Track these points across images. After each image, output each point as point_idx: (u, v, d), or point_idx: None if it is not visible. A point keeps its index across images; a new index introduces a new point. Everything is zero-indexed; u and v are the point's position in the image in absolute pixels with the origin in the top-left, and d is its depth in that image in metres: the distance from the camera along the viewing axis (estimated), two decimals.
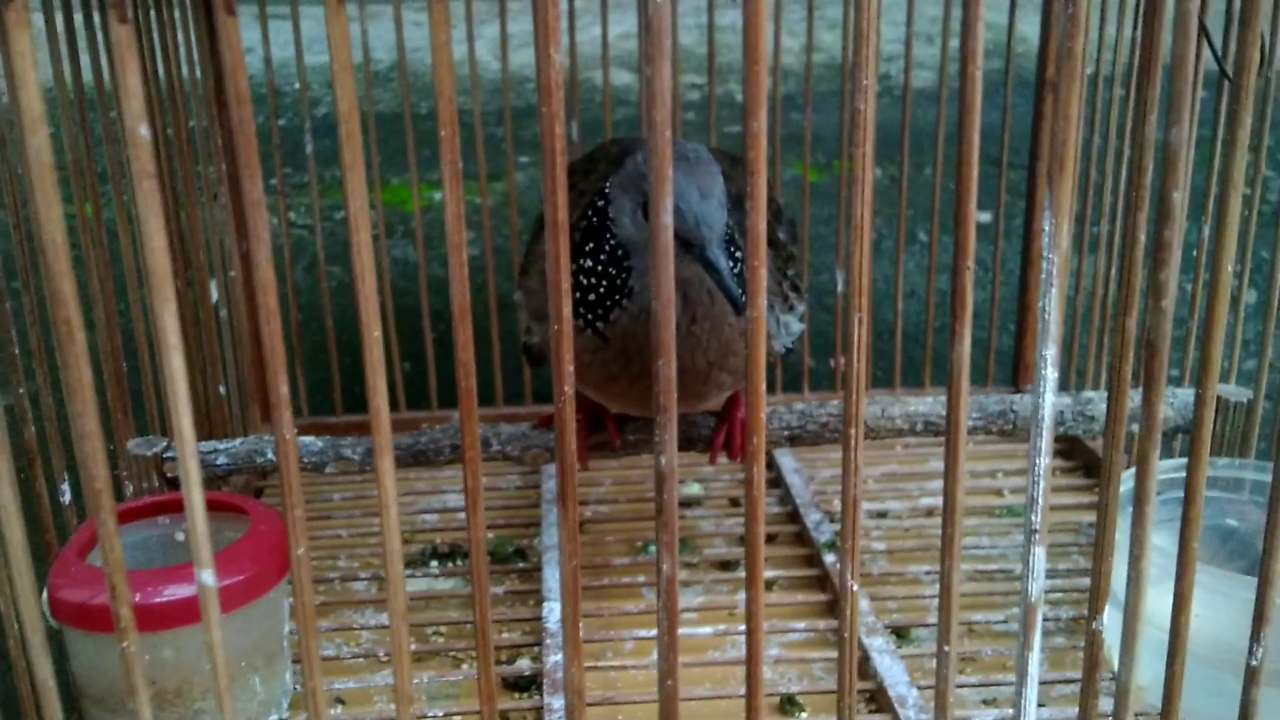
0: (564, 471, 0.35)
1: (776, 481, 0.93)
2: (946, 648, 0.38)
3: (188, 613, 0.58)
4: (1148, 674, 0.66)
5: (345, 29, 0.31)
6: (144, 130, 0.31)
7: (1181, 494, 0.71)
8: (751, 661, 0.38)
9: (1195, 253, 0.82)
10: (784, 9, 1.00)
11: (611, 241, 0.64)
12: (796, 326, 0.73)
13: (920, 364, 1.04)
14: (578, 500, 0.89)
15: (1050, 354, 0.34)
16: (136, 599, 0.57)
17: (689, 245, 0.59)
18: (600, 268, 0.64)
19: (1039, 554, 0.36)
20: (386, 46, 1.34)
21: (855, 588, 0.36)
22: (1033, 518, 0.35)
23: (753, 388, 0.35)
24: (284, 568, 0.63)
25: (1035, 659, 0.38)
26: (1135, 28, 0.86)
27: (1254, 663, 0.40)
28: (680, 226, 0.59)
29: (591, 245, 0.64)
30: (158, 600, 0.57)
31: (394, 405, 1.02)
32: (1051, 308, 0.33)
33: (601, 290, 0.64)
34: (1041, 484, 0.35)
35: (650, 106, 0.31)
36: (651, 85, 0.31)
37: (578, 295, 0.64)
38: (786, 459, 0.95)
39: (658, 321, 0.33)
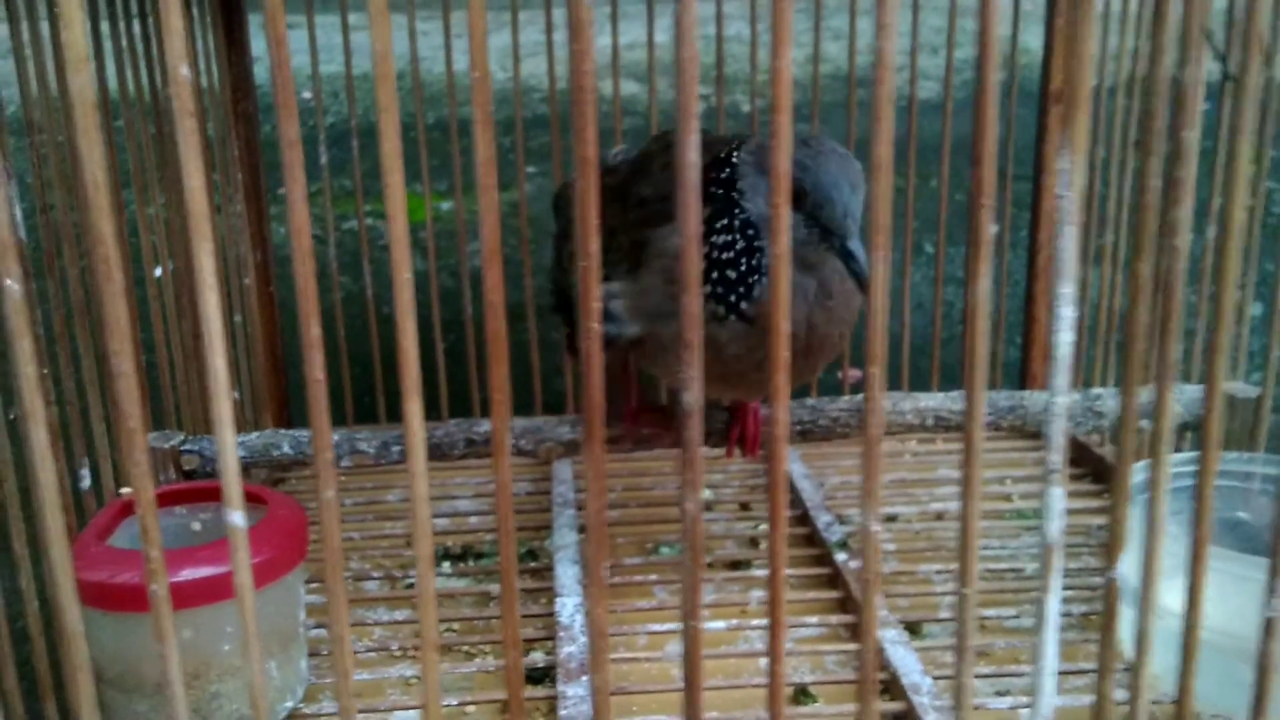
0: (591, 409, 0.35)
1: (788, 486, 0.94)
2: (963, 644, 0.38)
3: (206, 593, 0.58)
4: (1158, 663, 0.66)
5: (387, 37, 0.32)
6: (185, 70, 0.32)
7: (1187, 485, 0.72)
8: (774, 646, 0.38)
9: (1199, 263, 0.83)
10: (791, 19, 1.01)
11: (742, 218, 0.64)
12: None
13: (928, 375, 1.05)
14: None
15: (1067, 291, 0.34)
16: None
17: (828, 234, 0.62)
18: (735, 246, 0.64)
19: (1057, 494, 0.36)
20: (395, 56, 1.36)
21: (876, 528, 0.36)
22: (1053, 457, 0.36)
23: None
24: (300, 554, 0.63)
25: (1055, 602, 0.38)
26: (1138, 37, 0.87)
27: (1271, 614, 0.40)
28: (829, 216, 0.62)
29: (724, 223, 0.64)
30: (175, 580, 0.58)
31: (436, 413, 1.02)
32: (1069, 245, 0.34)
33: (742, 269, 0.64)
34: (1059, 423, 0.35)
35: (679, 92, 0.32)
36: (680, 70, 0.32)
37: (715, 276, 0.65)
38: (796, 465, 0.96)
39: (685, 255, 0.34)
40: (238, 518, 0.37)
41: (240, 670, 0.61)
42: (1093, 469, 0.94)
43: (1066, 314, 0.34)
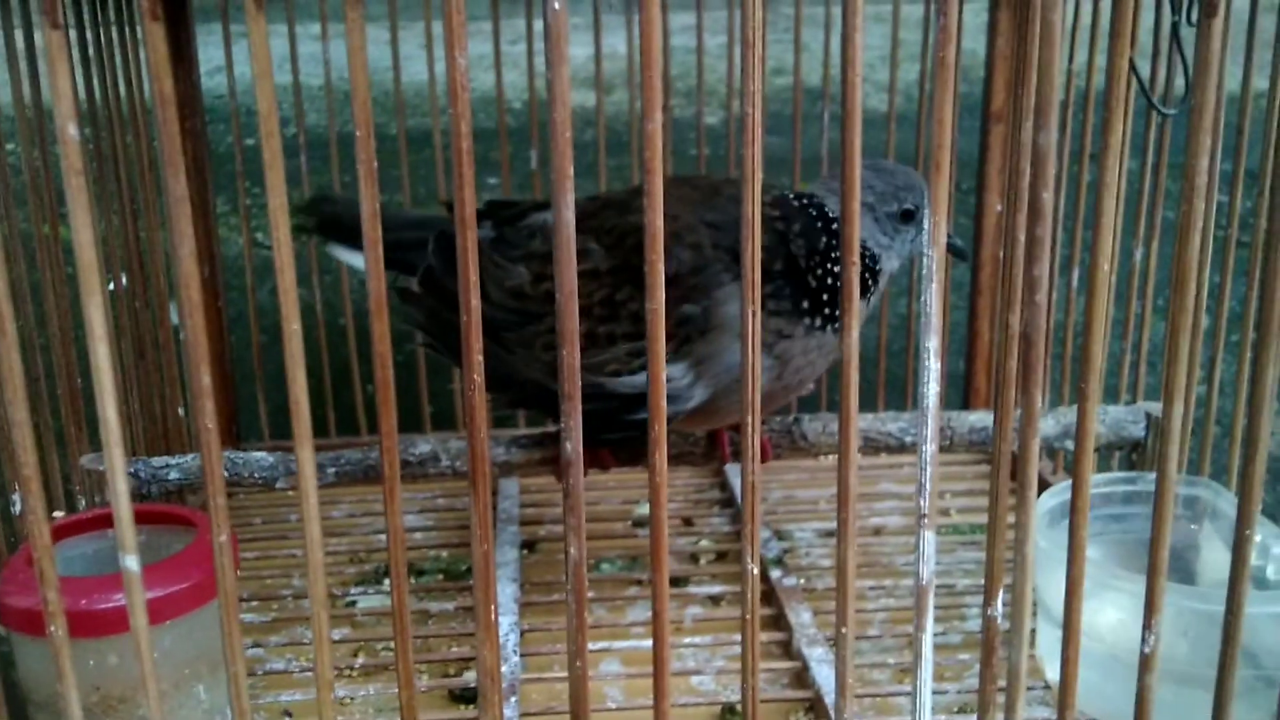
0: (475, 458, 0.36)
1: (729, 501, 0.95)
2: (844, 630, 0.39)
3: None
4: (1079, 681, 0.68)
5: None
6: (72, 130, 0.33)
7: (1108, 508, 0.73)
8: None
9: (1136, 277, 0.84)
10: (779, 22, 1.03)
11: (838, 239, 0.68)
12: None
13: (875, 387, 1.06)
14: (530, 520, 0.91)
15: (933, 345, 0.35)
16: (81, 604, 0.59)
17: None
18: (833, 265, 0.69)
19: (928, 538, 0.38)
20: (374, 69, 1.37)
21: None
22: (921, 502, 0.37)
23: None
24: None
25: (929, 640, 0.39)
26: (1071, 60, 0.89)
27: (1146, 650, 0.42)
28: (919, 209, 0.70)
29: (825, 242, 0.69)
30: (102, 606, 0.58)
31: (354, 429, 1.03)
32: (932, 300, 0.35)
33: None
34: (929, 470, 0.37)
35: (551, 108, 0.33)
36: (551, 88, 0.33)
37: (825, 297, 0.69)
38: (739, 480, 0.97)
39: (561, 310, 0.35)
40: (131, 562, 0.38)
41: (168, 694, 0.61)
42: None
43: (933, 367, 0.36)
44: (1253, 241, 0.70)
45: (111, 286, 0.81)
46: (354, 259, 0.85)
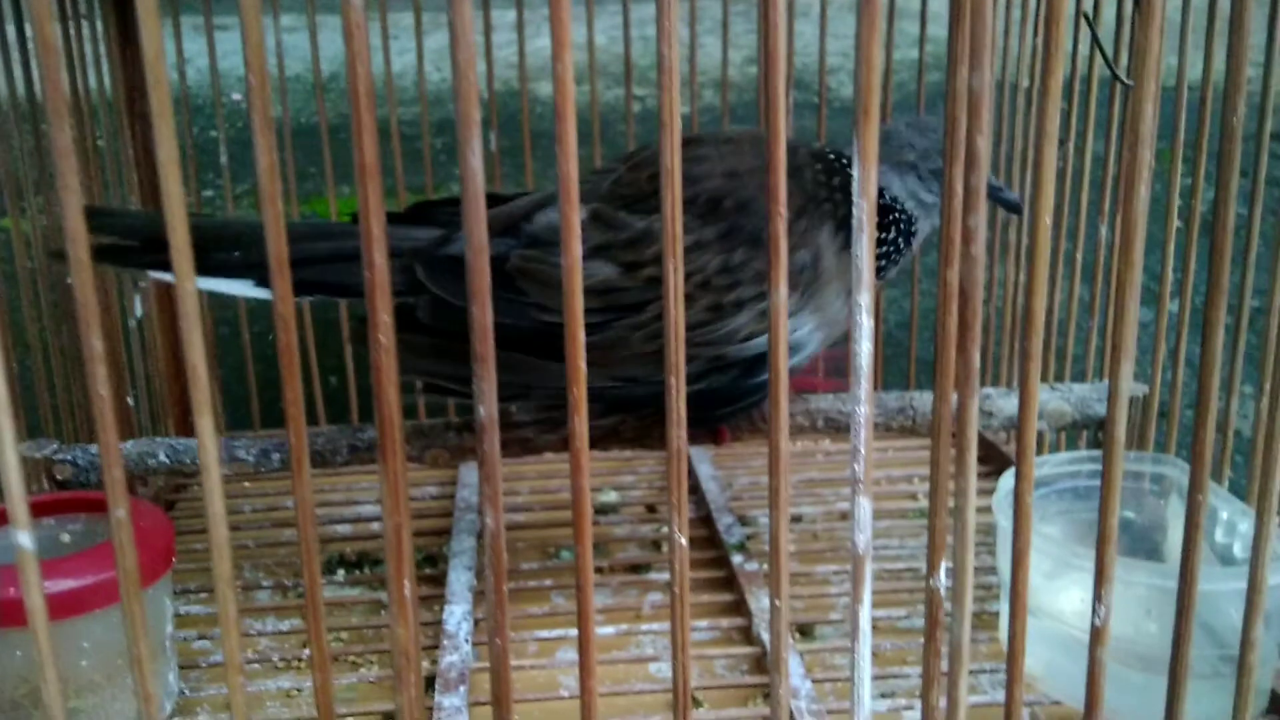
0: (384, 425, 0.34)
1: (694, 488, 0.93)
2: (778, 602, 0.38)
3: (59, 609, 0.57)
4: (1040, 663, 0.66)
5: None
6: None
7: (1074, 485, 0.72)
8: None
9: (1102, 255, 0.83)
10: (730, 22, 1.01)
11: (897, 213, 0.70)
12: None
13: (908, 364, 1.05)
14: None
15: (865, 300, 0.34)
16: (10, 593, 0.56)
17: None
18: (890, 231, 0.70)
19: (864, 504, 0.36)
20: (328, 58, 1.35)
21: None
22: (856, 468, 0.35)
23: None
24: (164, 565, 0.62)
25: (866, 613, 0.38)
26: (1036, 34, 0.87)
27: (1097, 623, 0.40)
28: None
29: (894, 217, 0.69)
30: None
31: (313, 419, 1.01)
32: (863, 253, 0.33)
33: (884, 249, 0.70)
34: (863, 434, 0.35)
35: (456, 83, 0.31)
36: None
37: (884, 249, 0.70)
38: (705, 466, 0.95)
39: (471, 268, 0.33)
40: (25, 539, 0.36)
41: (100, 686, 0.59)
42: (998, 466, 0.94)
43: (864, 323, 0.34)
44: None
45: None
46: (219, 285, 0.69)
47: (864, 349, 0.34)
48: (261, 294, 0.68)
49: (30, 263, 0.78)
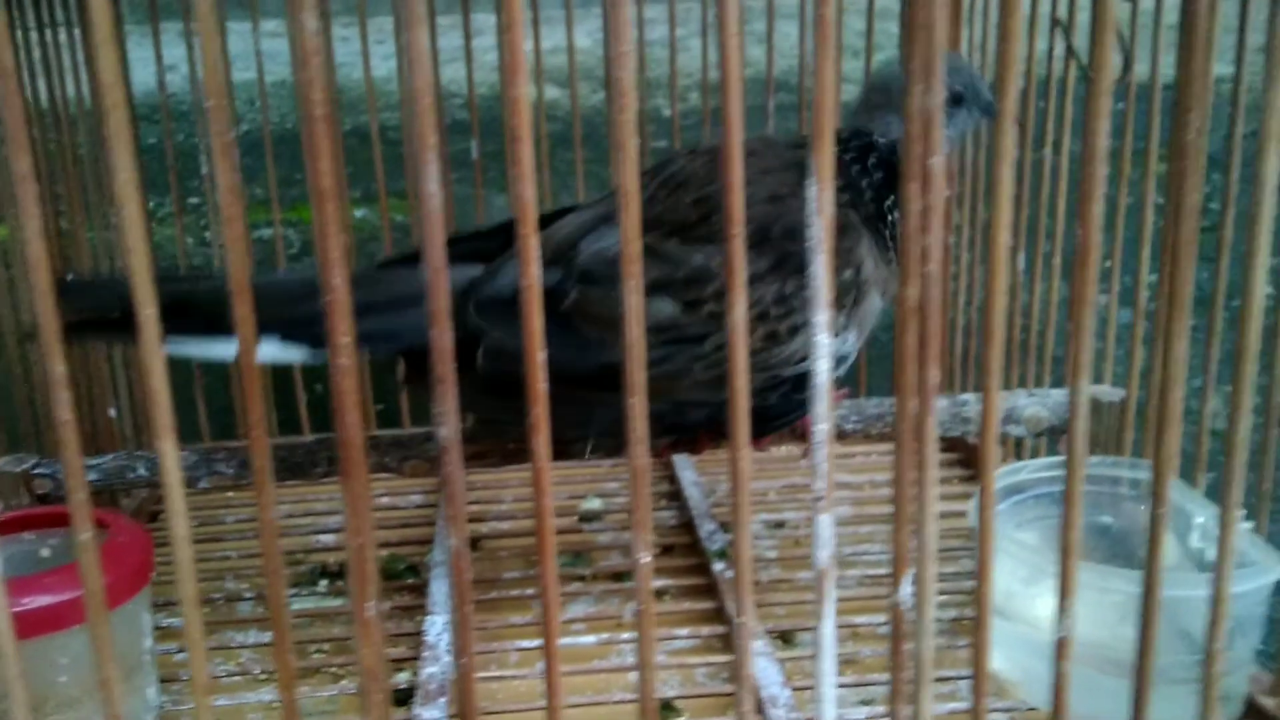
0: (346, 448, 0.35)
1: (675, 495, 0.93)
2: (741, 619, 0.38)
3: (37, 625, 0.57)
4: (1017, 670, 0.66)
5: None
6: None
7: (1051, 490, 0.72)
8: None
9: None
10: (712, 23, 1.01)
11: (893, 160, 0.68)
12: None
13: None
14: (474, 518, 0.89)
15: (821, 319, 0.34)
16: None
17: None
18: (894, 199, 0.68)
19: (824, 521, 0.36)
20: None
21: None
22: (817, 484, 0.36)
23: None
24: (143, 579, 0.62)
25: (830, 628, 0.38)
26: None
27: (1061, 634, 0.41)
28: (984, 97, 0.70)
29: (881, 177, 0.68)
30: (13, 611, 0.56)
31: (296, 428, 1.01)
32: (821, 273, 0.34)
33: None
34: (823, 450, 0.35)
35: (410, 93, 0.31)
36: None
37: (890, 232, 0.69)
38: (687, 473, 0.96)
39: (431, 286, 0.33)
40: None
41: (79, 702, 0.59)
42: (976, 472, 0.94)
43: (822, 341, 0.34)
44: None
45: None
46: (210, 349, 0.65)
47: (822, 367, 0.34)
48: (291, 353, 0.66)
49: (8, 271, 0.78)
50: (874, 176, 0.68)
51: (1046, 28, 0.83)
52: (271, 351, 0.65)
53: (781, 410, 0.69)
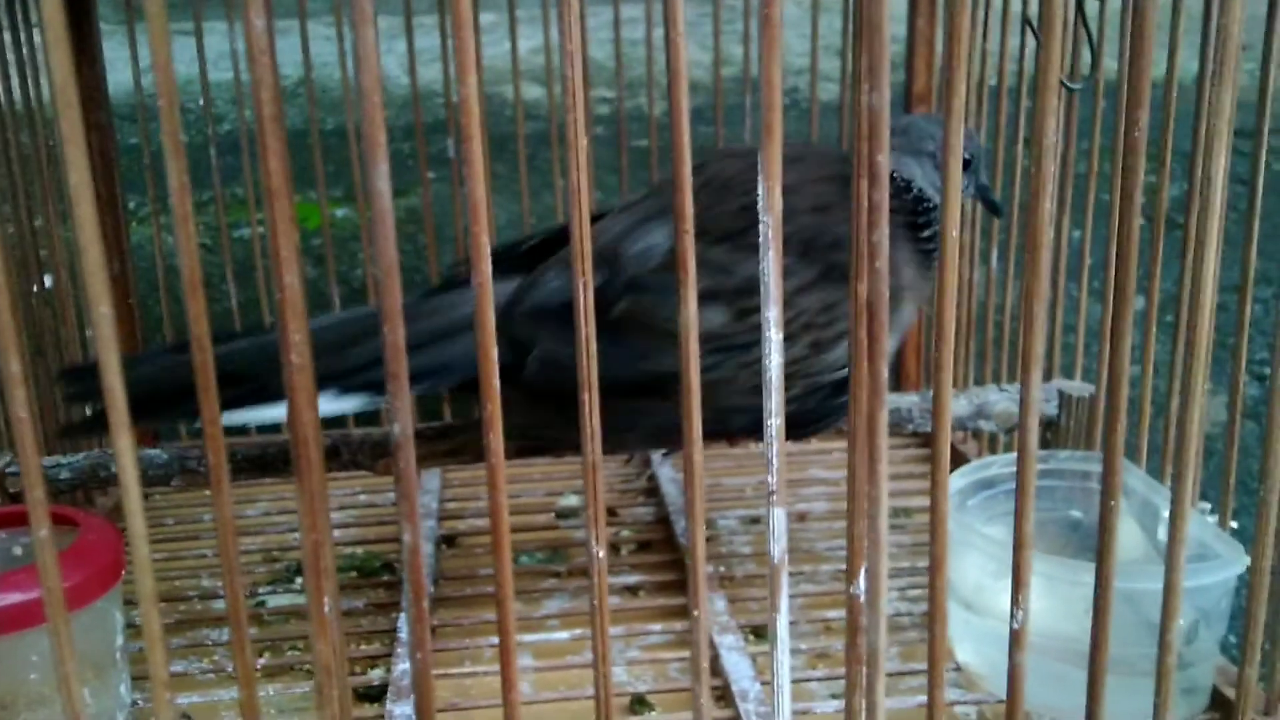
0: (300, 445, 0.35)
1: (653, 491, 0.94)
2: (696, 613, 0.38)
3: (7, 622, 0.57)
4: (985, 663, 0.67)
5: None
6: None
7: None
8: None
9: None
10: (696, 23, 1.02)
11: (926, 203, 0.71)
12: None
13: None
14: (451, 515, 0.89)
15: (773, 315, 0.34)
16: None
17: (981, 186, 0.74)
18: (930, 225, 0.71)
19: (779, 515, 0.36)
20: (293, 63, 1.35)
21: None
22: (770, 479, 0.36)
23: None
24: (113, 578, 0.62)
25: (784, 621, 0.38)
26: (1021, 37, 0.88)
27: (1015, 626, 0.41)
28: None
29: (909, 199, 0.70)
30: None
31: (274, 426, 1.01)
32: (771, 268, 0.34)
33: (931, 237, 0.71)
34: (775, 445, 0.35)
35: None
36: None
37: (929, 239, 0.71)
38: (665, 469, 0.96)
39: (383, 288, 0.33)
40: None
41: (50, 699, 0.59)
42: (951, 464, 0.94)
43: (773, 337, 0.34)
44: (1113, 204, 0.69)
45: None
46: (259, 414, 0.64)
47: (774, 363, 0.35)
48: (347, 404, 0.65)
49: None
50: (905, 198, 0.70)
51: (1018, 26, 0.83)
52: (329, 406, 0.63)
53: (820, 414, 0.70)
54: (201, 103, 0.96)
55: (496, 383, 0.35)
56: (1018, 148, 0.85)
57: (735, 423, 0.69)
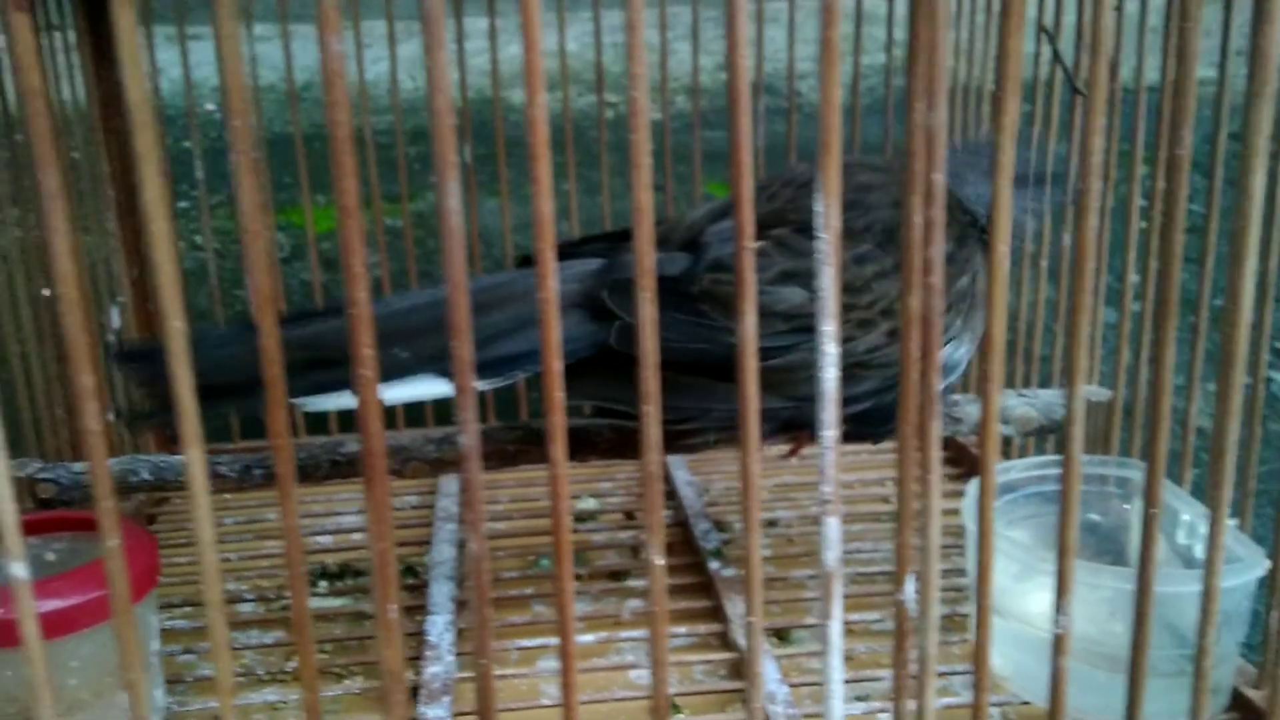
0: (370, 456, 0.36)
1: (670, 494, 0.94)
2: (752, 619, 0.39)
3: (47, 629, 0.57)
4: (1009, 665, 0.68)
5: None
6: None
7: (1041, 489, 0.73)
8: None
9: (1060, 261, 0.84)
10: (700, 27, 1.02)
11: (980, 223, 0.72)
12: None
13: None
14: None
15: (829, 329, 0.35)
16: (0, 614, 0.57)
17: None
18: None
19: (833, 523, 0.37)
20: (303, 68, 1.35)
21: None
22: (824, 489, 0.37)
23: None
24: (149, 583, 0.62)
25: (838, 628, 0.39)
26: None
27: (1059, 631, 0.42)
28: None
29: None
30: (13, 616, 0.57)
31: (294, 430, 1.02)
32: (828, 285, 0.35)
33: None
34: (830, 455, 0.36)
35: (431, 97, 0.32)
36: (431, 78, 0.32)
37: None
38: (681, 473, 0.97)
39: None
40: (19, 569, 0.37)
41: (88, 704, 0.60)
42: (969, 469, 0.95)
43: (830, 351, 0.35)
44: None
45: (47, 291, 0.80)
46: (328, 402, 0.64)
47: (830, 375, 0.35)
48: (444, 388, 0.63)
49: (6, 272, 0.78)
50: (965, 216, 0.72)
51: (1033, 33, 0.84)
52: (423, 389, 0.63)
53: (894, 411, 0.70)
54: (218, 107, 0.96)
55: (562, 394, 0.36)
56: (1031, 152, 0.86)
57: (809, 411, 0.69)
